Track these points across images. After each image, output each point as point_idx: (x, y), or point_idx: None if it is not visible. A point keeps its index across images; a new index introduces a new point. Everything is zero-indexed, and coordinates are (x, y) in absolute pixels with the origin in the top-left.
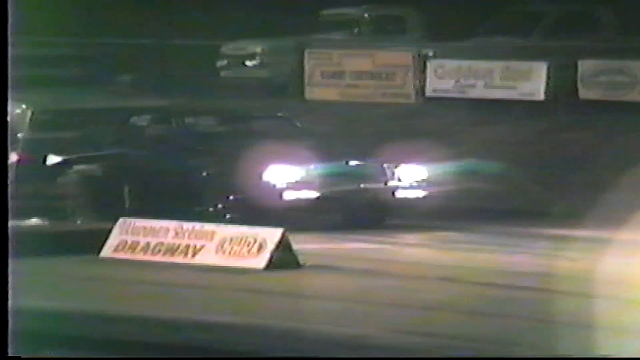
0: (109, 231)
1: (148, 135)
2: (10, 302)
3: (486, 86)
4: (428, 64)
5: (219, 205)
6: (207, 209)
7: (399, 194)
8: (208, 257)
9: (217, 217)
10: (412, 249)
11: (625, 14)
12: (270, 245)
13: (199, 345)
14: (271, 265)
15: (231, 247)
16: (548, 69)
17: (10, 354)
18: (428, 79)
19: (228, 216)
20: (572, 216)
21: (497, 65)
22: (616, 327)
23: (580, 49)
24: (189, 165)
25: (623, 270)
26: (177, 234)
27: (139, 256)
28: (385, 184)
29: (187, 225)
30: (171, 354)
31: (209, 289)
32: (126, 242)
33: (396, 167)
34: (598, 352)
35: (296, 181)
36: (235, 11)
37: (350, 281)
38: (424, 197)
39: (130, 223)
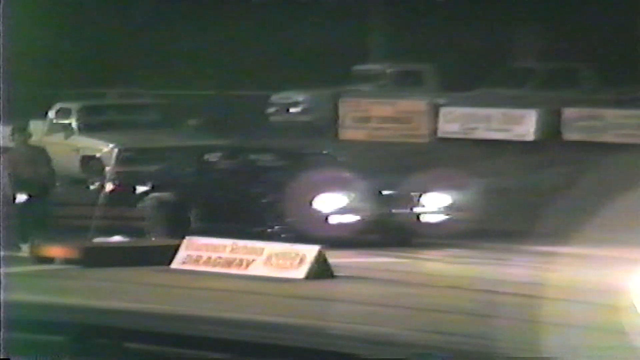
0: (178, 247)
1: (218, 169)
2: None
3: (486, 129)
4: (440, 111)
5: (276, 227)
6: (266, 230)
7: (423, 218)
8: (258, 269)
9: (274, 237)
10: (428, 263)
11: (601, 70)
12: (309, 259)
13: (254, 342)
14: (310, 275)
15: (277, 260)
16: (537, 115)
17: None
18: (439, 123)
19: (283, 236)
20: (556, 236)
21: (495, 112)
22: (591, 327)
23: (563, 99)
24: (252, 194)
25: (596, 280)
26: (233, 249)
27: (202, 267)
28: (411, 209)
29: (241, 243)
30: (228, 349)
31: (258, 294)
32: (191, 256)
33: (420, 195)
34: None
35: (340, 208)
36: (281, 66)
37: (376, 289)
38: (443, 220)
39: (195, 240)
